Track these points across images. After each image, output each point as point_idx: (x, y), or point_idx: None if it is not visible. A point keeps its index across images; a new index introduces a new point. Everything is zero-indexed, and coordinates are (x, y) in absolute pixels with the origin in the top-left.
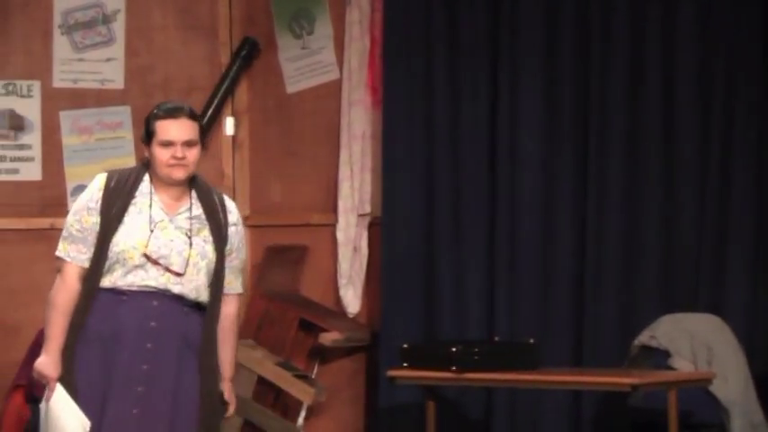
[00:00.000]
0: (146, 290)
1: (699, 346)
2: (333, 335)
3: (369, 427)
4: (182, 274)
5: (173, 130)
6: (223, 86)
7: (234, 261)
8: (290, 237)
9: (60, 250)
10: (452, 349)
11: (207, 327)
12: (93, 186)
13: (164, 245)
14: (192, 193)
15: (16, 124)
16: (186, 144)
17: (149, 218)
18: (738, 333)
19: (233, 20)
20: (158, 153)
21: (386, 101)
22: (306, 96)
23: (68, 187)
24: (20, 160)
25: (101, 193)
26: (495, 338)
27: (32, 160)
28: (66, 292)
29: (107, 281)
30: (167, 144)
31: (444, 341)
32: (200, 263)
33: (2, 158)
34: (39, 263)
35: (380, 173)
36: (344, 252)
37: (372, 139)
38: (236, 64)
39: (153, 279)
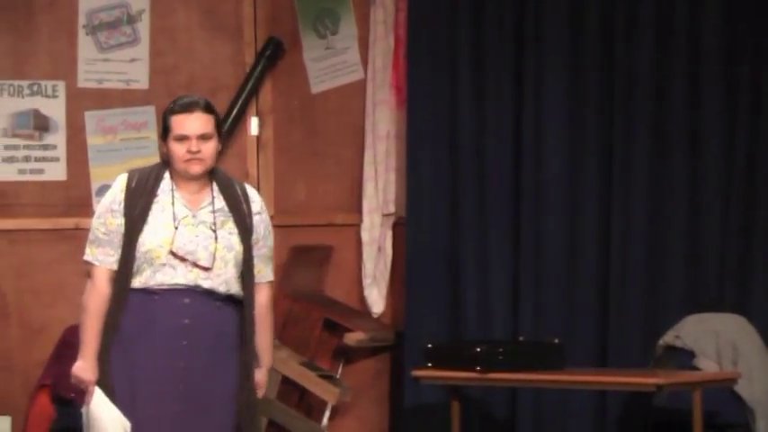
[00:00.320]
0: (176, 287)
1: (724, 346)
2: (357, 335)
3: (393, 427)
4: (209, 268)
5: (187, 124)
6: (247, 86)
7: (262, 249)
8: (314, 237)
9: (88, 254)
10: (477, 349)
11: (245, 318)
12: (115, 188)
13: (189, 241)
14: (214, 186)
15: (41, 124)
16: (201, 138)
17: (173, 215)
18: (763, 333)
19: (257, 20)
20: (174, 148)
21: (410, 101)
22: (330, 96)
23: (93, 187)
24: (45, 160)
25: (123, 194)
26: (519, 338)
27: (57, 160)
28: (97, 295)
29: (137, 282)
30: (182, 138)
31: (469, 341)
32: (227, 255)
33: (27, 158)
34: (63, 263)
35: (405, 173)
36: (369, 252)
37: (397, 138)
38: (261, 64)
39: (182, 276)
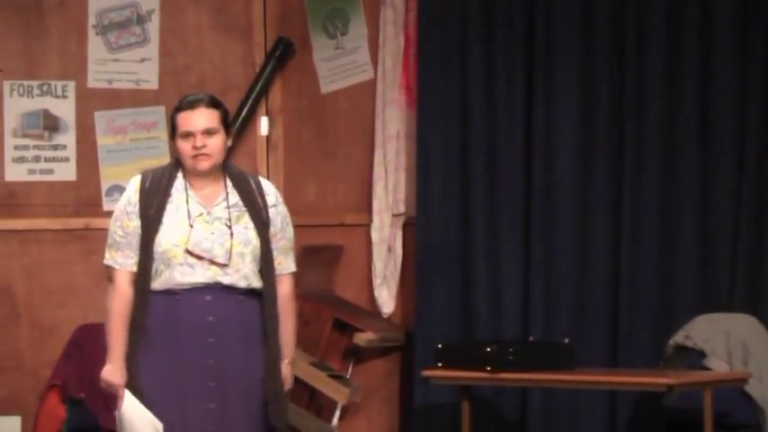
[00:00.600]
0: (197, 286)
1: (734, 345)
2: (367, 335)
3: (403, 427)
4: (226, 264)
5: (191, 120)
6: (257, 86)
7: (281, 241)
8: (324, 237)
9: (108, 259)
10: (487, 349)
11: (267, 311)
12: (129, 190)
13: (205, 238)
14: (227, 181)
15: (51, 124)
16: (206, 133)
17: (187, 213)
18: None
19: (267, 20)
20: (180, 145)
21: (420, 101)
22: (340, 96)
23: (103, 187)
24: (55, 160)
25: (137, 196)
26: (530, 338)
27: (67, 160)
28: (120, 299)
29: (158, 283)
30: (187, 135)
31: (479, 341)
32: (243, 250)
33: (37, 159)
34: (74, 263)
35: (415, 173)
36: (379, 252)
37: (407, 138)
38: (271, 64)
39: (200, 274)
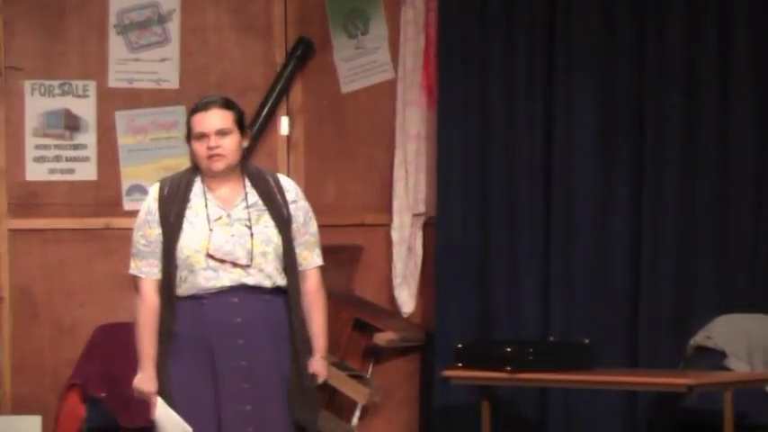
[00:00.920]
0: (223, 289)
1: (755, 346)
2: (387, 335)
3: (423, 427)
4: (249, 265)
5: (204, 121)
6: (278, 86)
7: (305, 236)
8: (344, 236)
9: (133, 268)
10: (507, 349)
11: (292, 308)
12: (149, 198)
13: (225, 241)
14: (245, 181)
15: (72, 124)
16: (219, 133)
17: (206, 217)
18: None
19: (288, 20)
20: (195, 147)
21: (441, 101)
22: (360, 96)
23: (123, 187)
24: (75, 160)
25: (157, 204)
26: (549, 339)
27: (88, 160)
28: (148, 307)
29: (184, 289)
30: (201, 136)
31: (499, 341)
32: (266, 249)
33: (57, 158)
34: (94, 263)
35: (435, 173)
36: (399, 252)
37: (427, 139)
38: (291, 64)
39: (225, 277)
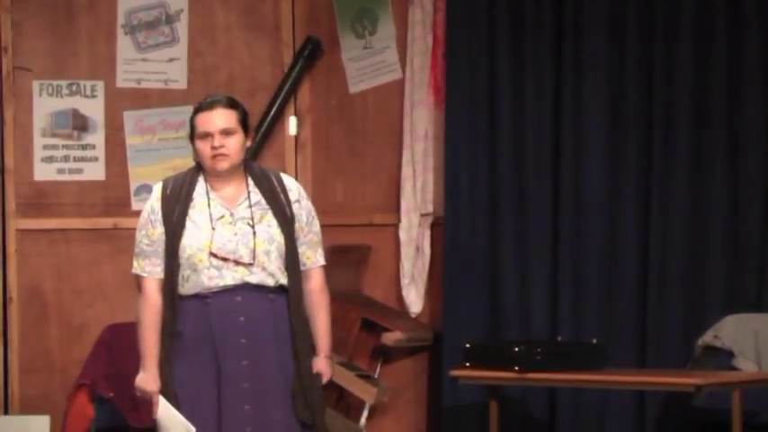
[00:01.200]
0: (226, 288)
1: (763, 346)
2: (395, 334)
3: (431, 427)
4: (252, 263)
5: (208, 120)
6: (286, 86)
7: (308, 235)
8: (352, 236)
9: (136, 267)
10: (515, 349)
11: (292, 308)
12: (152, 197)
13: (228, 240)
14: (249, 180)
15: (80, 124)
16: (223, 133)
17: (209, 216)
18: None
19: (296, 20)
20: (199, 146)
21: (448, 101)
22: (368, 96)
23: (132, 187)
24: (83, 160)
25: (159, 203)
26: (558, 338)
27: (96, 160)
28: (150, 306)
29: (187, 288)
30: (205, 136)
31: (507, 341)
32: (269, 248)
33: (66, 158)
34: (102, 262)
35: (443, 173)
36: (407, 252)
37: (435, 138)
38: (299, 64)
39: (228, 276)
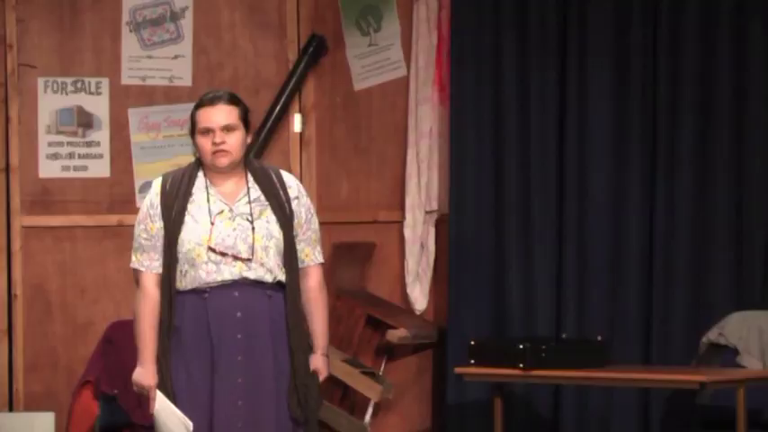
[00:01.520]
0: (224, 283)
1: None
2: (400, 332)
3: (436, 424)
4: (250, 259)
5: (210, 116)
6: (291, 83)
7: (307, 233)
8: (357, 234)
9: (134, 262)
10: (520, 346)
11: (289, 305)
12: (151, 192)
13: (227, 235)
14: (248, 177)
15: (85, 121)
16: (225, 129)
17: (208, 211)
18: None
19: (300, 17)
20: (200, 142)
21: (453, 98)
22: (373, 93)
23: (136, 184)
24: (88, 157)
25: (159, 198)
26: (562, 336)
27: (101, 157)
28: (148, 301)
29: (185, 283)
30: (206, 131)
31: (512, 338)
32: (267, 244)
33: (71, 155)
34: (107, 259)
35: (447, 170)
36: (412, 249)
37: (440, 136)
38: (304, 61)
39: (226, 271)
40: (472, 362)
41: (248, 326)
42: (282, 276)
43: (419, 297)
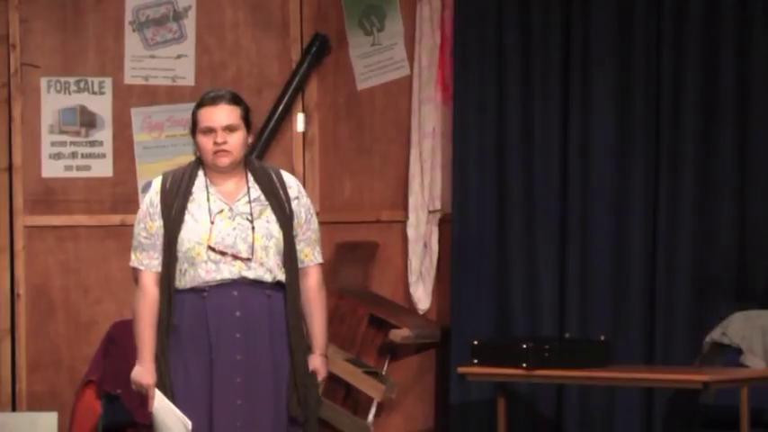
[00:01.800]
0: (223, 282)
1: None
2: (403, 331)
3: (439, 423)
4: (250, 258)
5: (212, 116)
6: (294, 83)
7: (307, 233)
8: (360, 233)
9: (133, 260)
10: (523, 346)
11: (289, 304)
12: (151, 191)
13: (227, 234)
14: (249, 176)
15: (88, 121)
16: (227, 129)
17: (208, 210)
18: None
19: (304, 16)
20: (201, 141)
21: (456, 98)
22: (376, 93)
23: (139, 184)
24: (91, 157)
25: (158, 197)
26: (566, 335)
27: (104, 157)
28: (147, 299)
29: (184, 282)
30: (208, 131)
31: (515, 338)
32: (267, 243)
33: (73, 155)
34: (110, 259)
35: (451, 170)
36: (415, 249)
37: (443, 136)
38: (307, 61)
39: (226, 270)
40: (475, 361)
41: (247, 325)
42: (282, 276)
43: (422, 297)
